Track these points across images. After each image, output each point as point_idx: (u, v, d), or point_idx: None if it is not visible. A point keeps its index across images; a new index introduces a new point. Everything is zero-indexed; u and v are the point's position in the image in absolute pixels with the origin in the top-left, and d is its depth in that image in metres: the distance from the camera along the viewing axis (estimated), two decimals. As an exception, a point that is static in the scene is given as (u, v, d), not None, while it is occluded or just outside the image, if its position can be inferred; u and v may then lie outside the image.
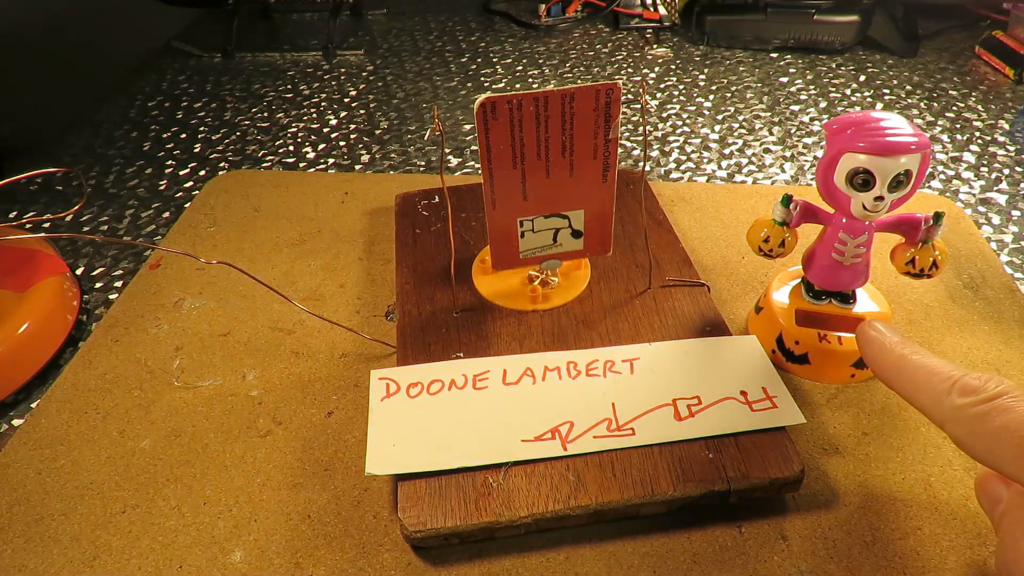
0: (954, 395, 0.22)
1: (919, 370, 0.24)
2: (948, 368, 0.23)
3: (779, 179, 0.51)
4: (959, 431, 0.22)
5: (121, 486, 0.31)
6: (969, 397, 0.22)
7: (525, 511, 0.27)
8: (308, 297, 0.41)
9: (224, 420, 0.33)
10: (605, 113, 0.30)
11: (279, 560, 0.28)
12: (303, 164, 0.55)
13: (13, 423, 0.35)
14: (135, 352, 0.37)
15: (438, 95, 0.64)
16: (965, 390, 0.22)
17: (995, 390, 0.21)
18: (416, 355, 0.34)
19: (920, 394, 0.24)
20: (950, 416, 0.22)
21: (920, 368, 0.24)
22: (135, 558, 0.28)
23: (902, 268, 0.32)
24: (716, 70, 0.67)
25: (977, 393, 0.22)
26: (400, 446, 0.29)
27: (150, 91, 0.67)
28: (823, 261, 0.33)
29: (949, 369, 0.23)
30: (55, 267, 0.40)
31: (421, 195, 0.45)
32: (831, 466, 0.30)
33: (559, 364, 0.33)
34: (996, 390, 0.21)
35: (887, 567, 0.27)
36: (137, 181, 0.53)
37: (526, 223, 0.34)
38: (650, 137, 0.56)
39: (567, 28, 0.77)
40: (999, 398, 0.21)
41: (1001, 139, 0.54)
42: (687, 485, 0.27)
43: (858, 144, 0.28)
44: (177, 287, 0.42)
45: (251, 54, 0.73)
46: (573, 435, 0.29)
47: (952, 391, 0.23)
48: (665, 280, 0.38)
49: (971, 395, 0.22)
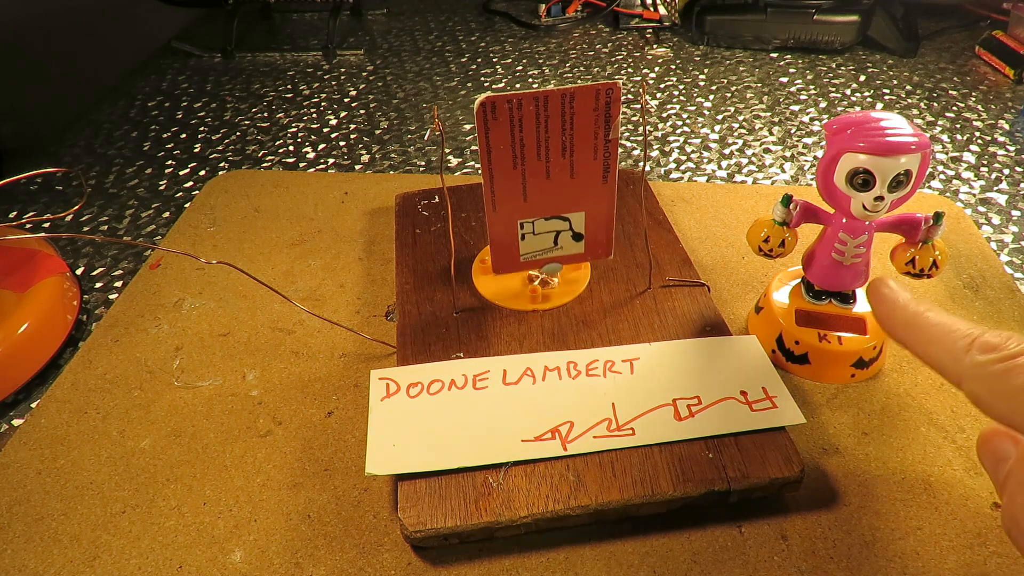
0: (974, 352, 0.22)
1: (935, 327, 0.24)
2: (966, 325, 0.23)
3: (779, 179, 0.51)
4: (979, 388, 0.22)
5: (121, 486, 0.31)
6: (990, 354, 0.21)
7: (525, 511, 0.27)
8: (308, 297, 0.41)
9: (224, 420, 0.33)
10: (605, 113, 0.30)
11: (279, 560, 0.28)
12: (303, 164, 0.55)
13: (13, 423, 0.35)
14: (135, 352, 0.37)
15: (438, 95, 0.64)
16: (985, 347, 0.22)
17: (1017, 348, 0.21)
18: (416, 355, 0.34)
19: (936, 350, 0.23)
20: (969, 373, 0.22)
21: (936, 325, 0.24)
22: (135, 558, 0.28)
23: (902, 268, 0.32)
24: (716, 70, 0.67)
25: (998, 350, 0.21)
26: (400, 446, 0.29)
27: (150, 91, 0.67)
28: (823, 261, 0.33)
29: (967, 326, 0.23)
30: (55, 267, 0.40)
31: (421, 195, 0.45)
32: (831, 466, 0.30)
33: (559, 364, 0.33)
34: (1018, 347, 0.21)
35: (887, 567, 0.27)
36: (137, 181, 0.53)
37: (526, 225, 0.34)
38: (650, 137, 0.56)
39: (567, 28, 0.77)
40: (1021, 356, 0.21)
41: (1001, 139, 0.54)
42: (687, 485, 0.27)
43: (858, 144, 0.28)
44: (177, 287, 0.42)
45: (251, 54, 0.73)
46: (573, 435, 0.29)
47: (972, 348, 0.22)
48: (665, 280, 0.38)
49: (991, 352, 0.21)
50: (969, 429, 0.32)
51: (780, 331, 0.34)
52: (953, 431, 0.32)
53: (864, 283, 0.33)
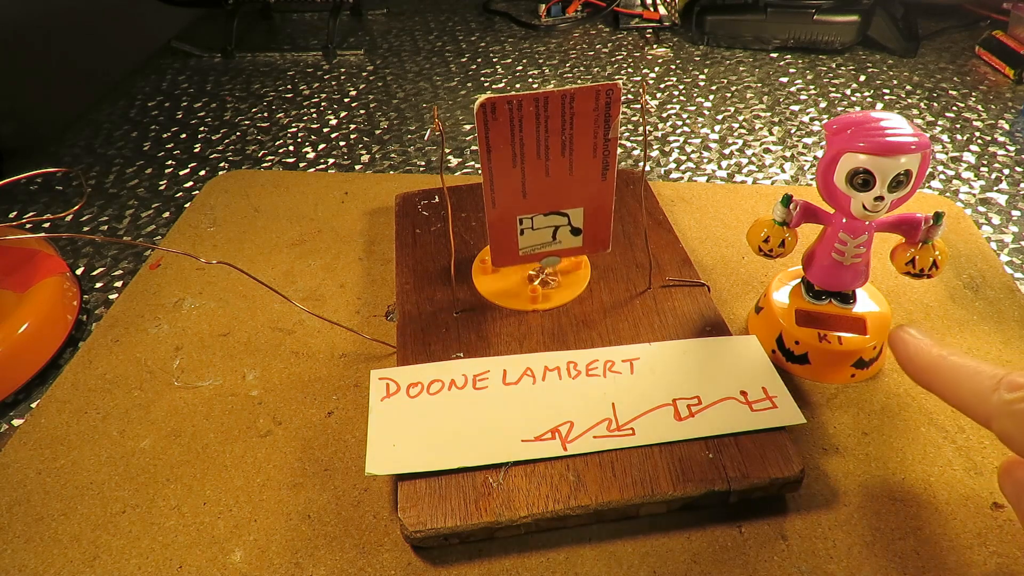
0: (1001, 391, 0.23)
1: (960, 369, 0.25)
2: (990, 367, 0.24)
3: (779, 179, 0.51)
4: (1009, 426, 0.22)
5: (121, 486, 0.31)
6: (1017, 392, 0.22)
7: (525, 511, 0.27)
8: (308, 297, 0.41)
9: (224, 420, 0.33)
10: (605, 113, 0.30)
11: (279, 560, 0.28)
12: (303, 164, 0.55)
13: (13, 423, 0.35)
14: (135, 352, 0.37)
15: (438, 95, 0.64)
16: (1012, 386, 0.22)
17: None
18: (416, 355, 0.34)
19: (963, 392, 0.24)
20: (998, 411, 0.23)
21: (961, 367, 0.25)
22: (135, 558, 0.28)
23: (902, 268, 0.32)
24: (716, 70, 0.67)
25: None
26: (400, 446, 0.29)
27: (150, 91, 0.67)
28: (823, 261, 0.33)
29: (991, 367, 0.24)
30: (55, 267, 0.40)
31: (421, 195, 0.45)
32: (831, 466, 0.30)
33: (559, 364, 0.33)
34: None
35: (887, 567, 0.27)
36: (137, 181, 0.53)
37: (525, 221, 0.34)
38: (650, 137, 0.56)
39: (567, 28, 0.77)
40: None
41: (1001, 139, 0.54)
42: (687, 485, 0.27)
43: (858, 144, 0.28)
44: (177, 287, 0.42)
45: (251, 54, 0.73)
46: (573, 435, 0.29)
47: (999, 387, 0.23)
48: (665, 280, 0.38)
49: (1019, 390, 0.22)
50: (969, 429, 0.32)
51: (780, 331, 0.34)
52: (953, 431, 0.32)
53: (864, 283, 0.33)
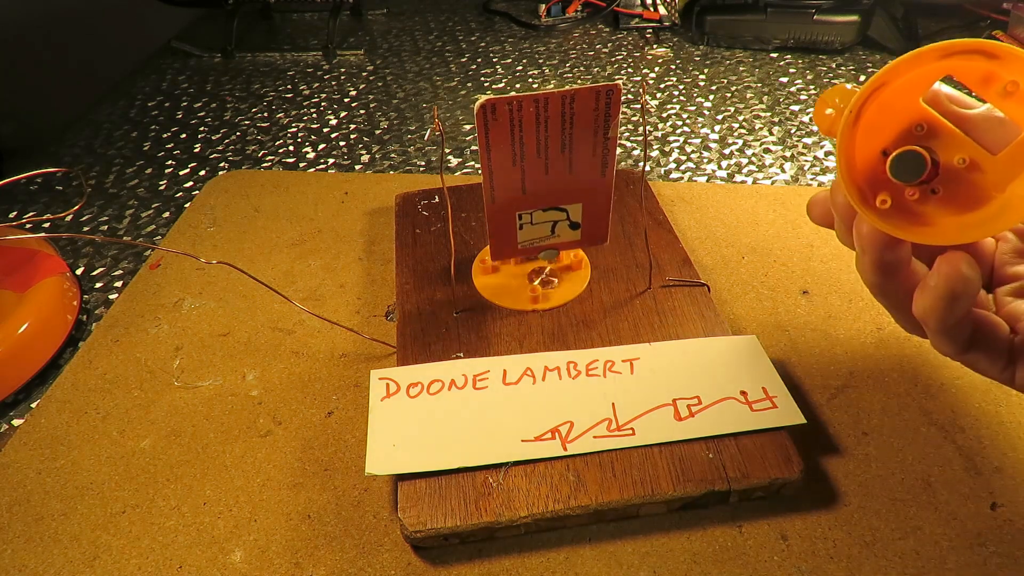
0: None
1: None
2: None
3: (779, 179, 0.51)
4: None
5: (121, 486, 0.31)
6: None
7: (525, 511, 0.27)
8: (308, 297, 0.41)
9: (224, 420, 0.33)
10: (605, 113, 0.30)
11: (279, 560, 0.28)
12: (303, 164, 0.55)
13: (13, 423, 0.35)
14: (135, 352, 0.37)
15: (438, 95, 0.64)
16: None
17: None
18: (416, 355, 0.34)
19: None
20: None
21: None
22: (135, 558, 0.28)
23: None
24: (716, 70, 0.67)
25: None
26: (400, 446, 0.29)
27: (150, 91, 0.67)
28: None
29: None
30: (55, 267, 0.40)
31: (421, 195, 0.45)
32: (831, 466, 0.30)
33: (559, 364, 0.33)
34: None
35: (887, 567, 0.27)
36: (137, 181, 0.53)
37: (524, 216, 0.34)
38: (650, 137, 0.56)
39: (567, 28, 0.77)
40: None
41: (1001, 139, 0.54)
42: (687, 485, 0.27)
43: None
44: (177, 287, 0.42)
45: (251, 54, 0.73)
46: (573, 435, 0.29)
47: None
48: (665, 280, 0.38)
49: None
50: (969, 429, 0.32)
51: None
52: (953, 431, 0.32)
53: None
